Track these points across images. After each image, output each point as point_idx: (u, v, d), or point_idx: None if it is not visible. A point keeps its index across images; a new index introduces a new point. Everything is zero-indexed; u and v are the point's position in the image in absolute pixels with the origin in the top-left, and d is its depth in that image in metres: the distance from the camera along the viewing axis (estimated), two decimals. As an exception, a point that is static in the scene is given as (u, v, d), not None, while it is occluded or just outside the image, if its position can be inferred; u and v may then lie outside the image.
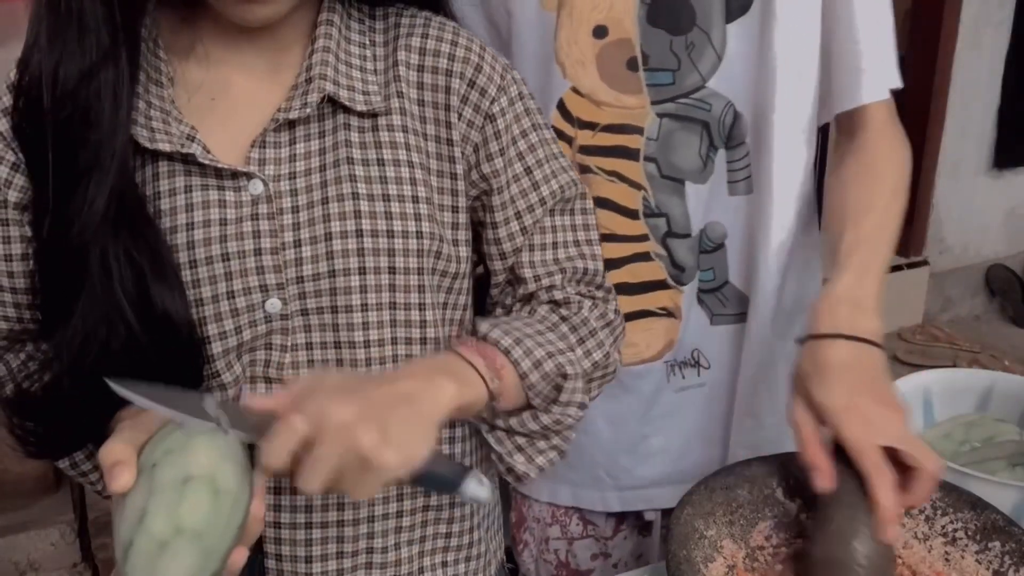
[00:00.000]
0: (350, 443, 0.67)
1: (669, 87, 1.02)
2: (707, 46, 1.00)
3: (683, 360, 1.12)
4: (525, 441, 0.87)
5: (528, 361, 0.83)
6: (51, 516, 2.19)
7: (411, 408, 0.72)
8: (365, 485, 0.69)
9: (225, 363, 0.82)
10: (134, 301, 0.76)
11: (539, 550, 1.24)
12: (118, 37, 0.75)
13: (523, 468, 0.87)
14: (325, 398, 0.69)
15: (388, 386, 0.73)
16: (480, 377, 0.80)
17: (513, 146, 0.88)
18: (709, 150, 1.04)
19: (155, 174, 0.80)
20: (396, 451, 0.69)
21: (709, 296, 1.10)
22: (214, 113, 0.82)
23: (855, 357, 0.88)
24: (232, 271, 0.80)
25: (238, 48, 0.83)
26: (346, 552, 0.87)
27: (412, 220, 0.83)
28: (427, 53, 0.86)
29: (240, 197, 0.81)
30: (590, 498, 1.18)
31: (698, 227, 1.07)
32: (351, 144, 0.83)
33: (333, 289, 0.82)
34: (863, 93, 1.01)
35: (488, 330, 0.84)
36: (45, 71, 0.75)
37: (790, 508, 0.93)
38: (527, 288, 0.90)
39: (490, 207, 0.89)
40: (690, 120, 1.03)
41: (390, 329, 0.84)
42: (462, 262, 0.89)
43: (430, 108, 0.86)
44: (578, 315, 0.89)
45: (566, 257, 0.90)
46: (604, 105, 1.03)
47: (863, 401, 0.85)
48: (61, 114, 0.75)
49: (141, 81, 0.79)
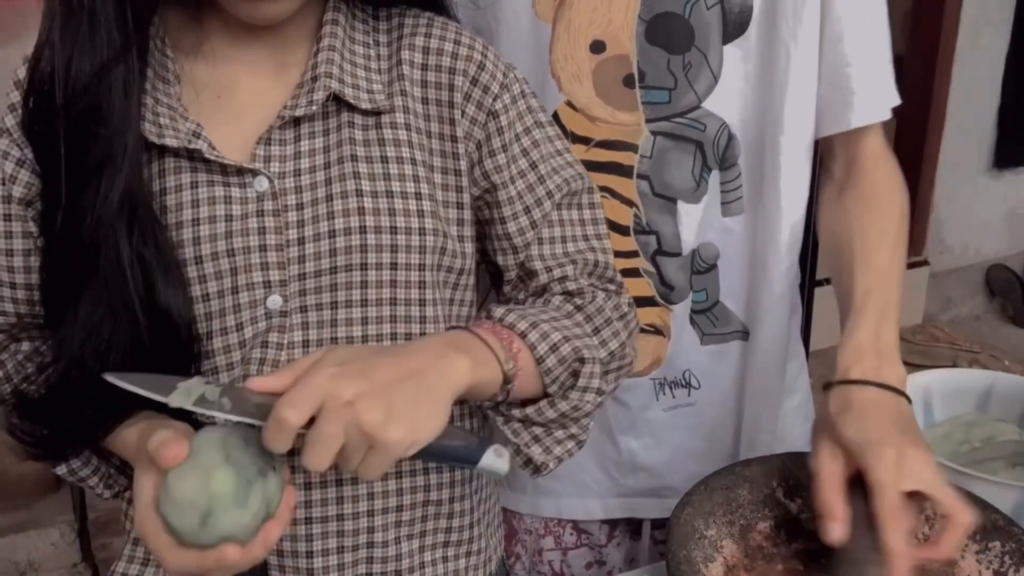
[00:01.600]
0: (354, 421, 0.67)
1: (664, 106, 1.02)
2: (704, 66, 1.00)
3: (674, 380, 1.11)
4: (542, 431, 0.86)
5: (545, 344, 0.81)
6: (51, 516, 2.20)
7: (419, 383, 0.71)
8: (373, 463, 0.69)
9: (225, 360, 0.83)
10: (143, 298, 0.77)
11: (532, 562, 1.24)
12: (129, 34, 0.77)
13: (541, 458, 0.85)
14: (329, 375, 0.68)
15: (397, 360, 0.72)
16: (495, 357, 0.78)
17: (517, 143, 0.89)
18: (703, 170, 1.04)
19: (162, 170, 0.81)
20: (402, 428, 0.68)
21: (700, 316, 1.10)
22: (220, 111, 0.83)
23: (886, 400, 0.87)
24: (237, 267, 0.81)
25: (245, 46, 0.84)
26: (346, 546, 0.87)
27: (415, 217, 0.84)
28: (431, 52, 0.86)
29: (245, 193, 0.81)
30: (572, 507, 1.18)
31: (690, 247, 1.06)
32: (355, 142, 0.84)
33: (334, 285, 0.82)
34: (853, 117, 1.00)
35: (504, 314, 0.83)
36: (58, 67, 0.76)
37: (790, 508, 0.93)
38: (539, 280, 0.90)
39: (496, 203, 0.89)
40: (684, 140, 1.03)
41: (390, 325, 0.84)
42: (467, 258, 0.89)
43: (434, 106, 0.86)
44: (592, 304, 0.88)
45: (576, 250, 0.90)
46: (599, 121, 1.03)
47: (898, 440, 0.82)
48: (73, 110, 0.76)
49: (149, 78, 0.80)
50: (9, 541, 2.14)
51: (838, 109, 1.01)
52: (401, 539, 0.89)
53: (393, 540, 0.88)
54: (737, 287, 1.09)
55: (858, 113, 1.00)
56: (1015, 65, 3.41)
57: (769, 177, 1.03)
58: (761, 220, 1.05)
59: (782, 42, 0.98)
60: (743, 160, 1.04)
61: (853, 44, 0.99)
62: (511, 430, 0.86)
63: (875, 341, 0.91)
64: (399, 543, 0.89)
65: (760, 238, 1.06)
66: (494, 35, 1.03)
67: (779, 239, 1.05)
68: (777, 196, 1.04)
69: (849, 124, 1.01)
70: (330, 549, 0.86)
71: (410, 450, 0.69)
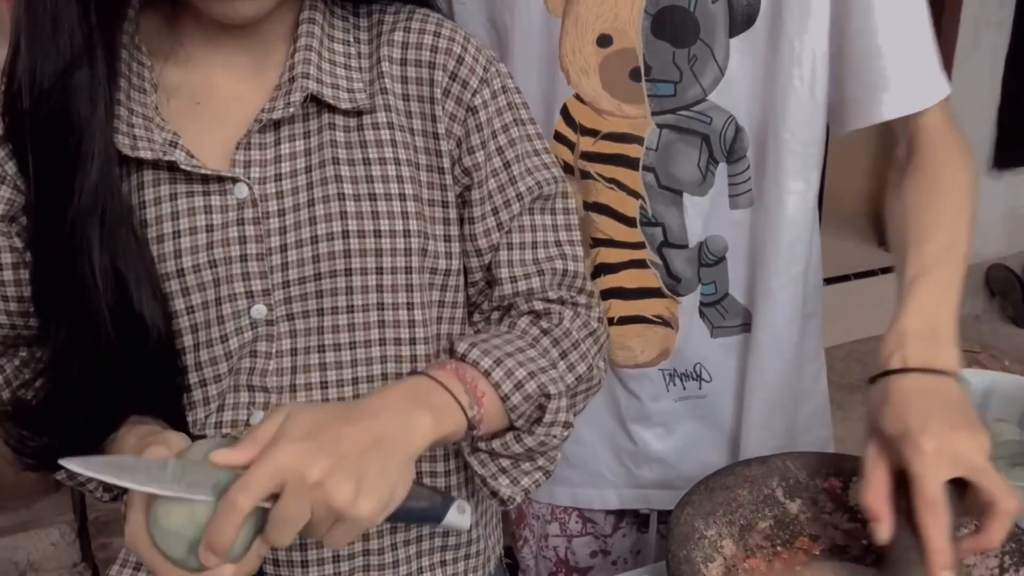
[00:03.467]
0: (323, 499, 0.65)
1: (670, 98, 1.02)
2: (710, 60, 1.00)
3: (684, 372, 1.11)
4: (509, 463, 0.84)
5: (509, 383, 0.80)
6: (51, 516, 2.20)
7: (386, 450, 0.69)
8: (339, 535, 0.67)
9: (212, 372, 0.82)
10: (115, 312, 0.75)
11: (539, 547, 1.25)
12: (93, 37, 0.75)
13: (508, 492, 0.84)
14: (292, 452, 0.65)
15: (361, 427, 0.69)
16: (458, 404, 0.76)
17: (493, 140, 0.87)
18: (709, 163, 1.04)
19: (140, 183, 0.80)
20: (372, 500, 0.67)
21: (710, 309, 1.10)
22: (199, 116, 0.82)
23: (928, 385, 0.83)
24: (219, 278, 0.80)
25: (221, 48, 0.82)
26: (342, 555, 0.86)
27: (399, 219, 0.82)
28: (409, 46, 0.85)
29: (225, 201, 0.80)
30: (588, 497, 1.18)
31: (697, 240, 1.06)
32: (336, 144, 0.82)
33: (319, 292, 0.81)
34: (884, 110, 0.98)
35: (467, 350, 0.81)
36: (23, 72, 0.75)
37: (790, 508, 0.93)
38: (502, 290, 0.88)
39: (469, 202, 0.87)
40: (690, 132, 1.03)
41: (378, 330, 0.83)
42: (453, 258, 0.88)
43: (415, 102, 0.85)
44: (559, 327, 0.86)
45: (545, 257, 0.88)
46: (606, 113, 1.03)
47: (937, 426, 0.79)
48: (39, 115, 0.75)
49: (123, 88, 0.79)
50: (9, 541, 2.14)
51: (866, 103, 0.99)
52: (397, 546, 0.88)
53: (389, 547, 0.88)
54: (742, 280, 1.09)
55: (890, 106, 0.98)
56: (1015, 65, 3.41)
57: (771, 171, 1.03)
58: (763, 214, 1.05)
59: (788, 36, 0.98)
60: (751, 153, 1.04)
61: (888, 36, 0.97)
62: (478, 460, 0.84)
63: (922, 325, 0.87)
64: (395, 550, 0.88)
65: (761, 232, 1.06)
66: (510, 30, 1.04)
67: (779, 234, 1.05)
68: (779, 191, 1.03)
69: (881, 116, 0.99)
70: (326, 558, 0.86)
71: (379, 519, 0.68)
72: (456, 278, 0.89)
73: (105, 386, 0.78)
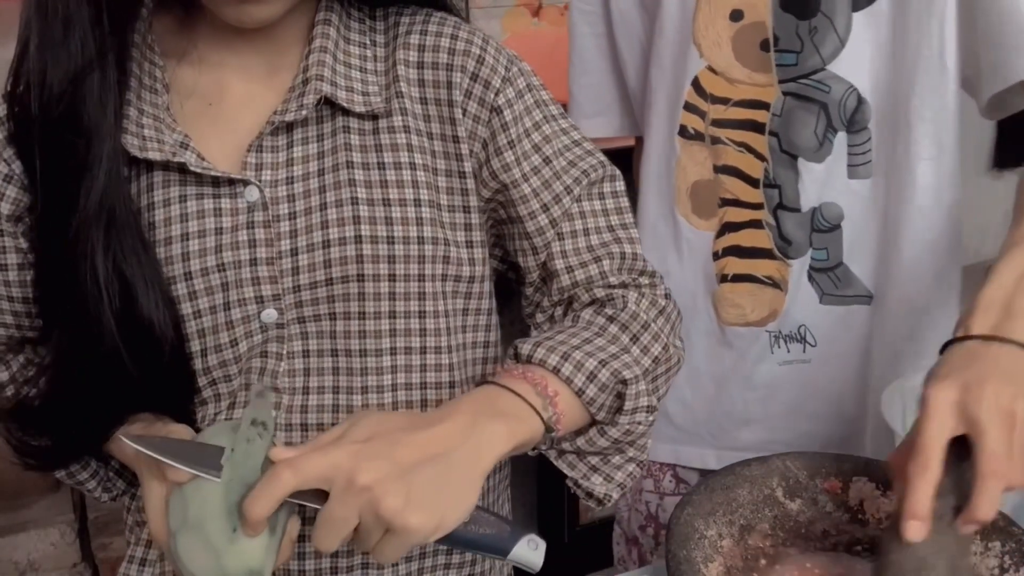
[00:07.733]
0: (371, 504, 0.64)
1: (792, 67, 1.09)
2: (830, 31, 1.06)
3: (788, 334, 1.14)
4: (599, 460, 0.82)
5: (581, 376, 0.77)
6: (51, 516, 2.18)
7: (446, 465, 0.67)
8: (389, 548, 0.66)
9: (222, 373, 0.81)
10: (121, 319, 0.74)
11: (633, 499, 1.29)
12: (105, 41, 0.74)
13: (603, 490, 0.81)
14: (348, 452, 0.65)
15: (424, 438, 0.68)
16: (531, 408, 0.74)
17: (527, 138, 0.85)
18: (827, 131, 1.09)
19: (150, 184, 0.79)
20: (423, 514, 0.65)
21: (821, 275, 1.13)
22: (211, 118, 0.81)
23: (999, 354, 0.75)
24: (228, 282, 0.79)
25: (234, 50, 0.82)
26: (341, 567, 0.84)
27: (414, 225, 0.81)
28: (426, 49, 0.83)
29: (236, 204, 0.79)
30: (687, 455, 1.22)
31: (810, 204, 1.10)
32: (351, 147, 0.81)
33: (331, 297, 0.80)
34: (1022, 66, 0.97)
35: (531, 350, 0.78)
36: (33, 75, 0.74)
37: (790, 508, 0.93)
38: (561, 282, 0.85)
39: (511, 202, 0.85)
40: (809, 100, 1.09)
41: (389, 339, 0.82)
42: (476, 264, 0.86)
43: (433, 106, 0.83)
44: (625, 311, 0.84)
45: (600, 243, 0.86)
46: (737, 82, 1.11)
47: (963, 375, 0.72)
48: (49, 119, 0.74)
49: (133, 88, 0.78)
50: (9, 541, 2.13)
51: (1003, 68, 0.99)
52: (399, 562, 0.86)
53: (390, 564, 0.85)
54: (864, 251, 1.11)
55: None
56: (1015, 65, 3.40)
57: (901, 144, 1.06)
58: (892, 186, 1.08)
59: (916, 9, 1.03)
60: (874, 124, 1.08)
61: None
62: (567, 463, 0.82)
63: (996, 296, 0.80)
64: (395, 565, 0.86)
65: (891, 203, 1.08)
66: (655, 11, 1.12)
67: (909, 206, 1.07)
68: (909, 162, 1.06)
69: (1019, 75, 0.98)
70: (323, 569, 0.84)
71: (432, 537, 0.66)
72: (480, 285, 0.88)
73: (109, 389, 0.77)
